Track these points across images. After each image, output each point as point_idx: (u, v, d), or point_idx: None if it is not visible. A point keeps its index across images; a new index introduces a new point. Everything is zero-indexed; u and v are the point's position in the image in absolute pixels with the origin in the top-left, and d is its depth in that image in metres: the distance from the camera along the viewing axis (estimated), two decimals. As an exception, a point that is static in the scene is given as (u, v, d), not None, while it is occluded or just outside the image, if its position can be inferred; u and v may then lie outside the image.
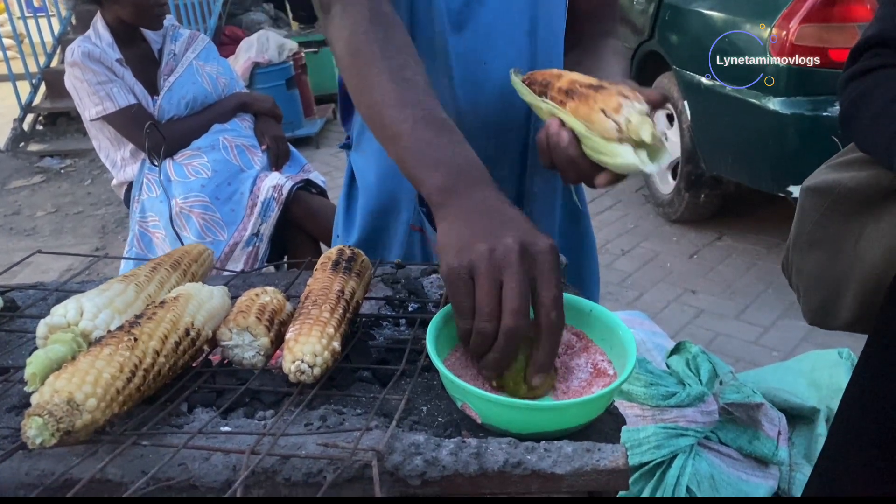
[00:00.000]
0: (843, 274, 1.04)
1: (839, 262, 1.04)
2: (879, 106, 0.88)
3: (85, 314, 0.68)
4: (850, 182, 1.01)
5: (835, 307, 1.07)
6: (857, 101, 0.93)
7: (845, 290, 1.04)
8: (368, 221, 1.10)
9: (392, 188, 1.06)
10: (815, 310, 1.11)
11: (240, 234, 2.30)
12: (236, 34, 5.99)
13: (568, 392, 0.70)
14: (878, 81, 0.91)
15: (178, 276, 0.81)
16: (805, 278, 1.11)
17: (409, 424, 0.64)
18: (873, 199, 0.99)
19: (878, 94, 0.89)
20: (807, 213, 1.09)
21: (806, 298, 1.12)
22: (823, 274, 1.07)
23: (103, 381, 0.58)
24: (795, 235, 1.11)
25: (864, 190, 1.00)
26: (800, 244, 1.10)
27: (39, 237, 4.13)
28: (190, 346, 0.68)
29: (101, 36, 2.31)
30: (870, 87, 0.91)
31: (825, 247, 1.06)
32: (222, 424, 0.64)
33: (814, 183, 1.08)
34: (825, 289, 1.07)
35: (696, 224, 3.55)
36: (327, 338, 0.65)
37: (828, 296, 1.07)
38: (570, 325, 0.76)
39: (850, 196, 1.02)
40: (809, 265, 1.09)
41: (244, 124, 2.49)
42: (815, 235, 1.07)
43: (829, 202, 1.04)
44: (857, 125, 0.93)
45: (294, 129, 5.05)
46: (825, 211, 1.05)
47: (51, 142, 5.73)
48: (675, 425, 1.79)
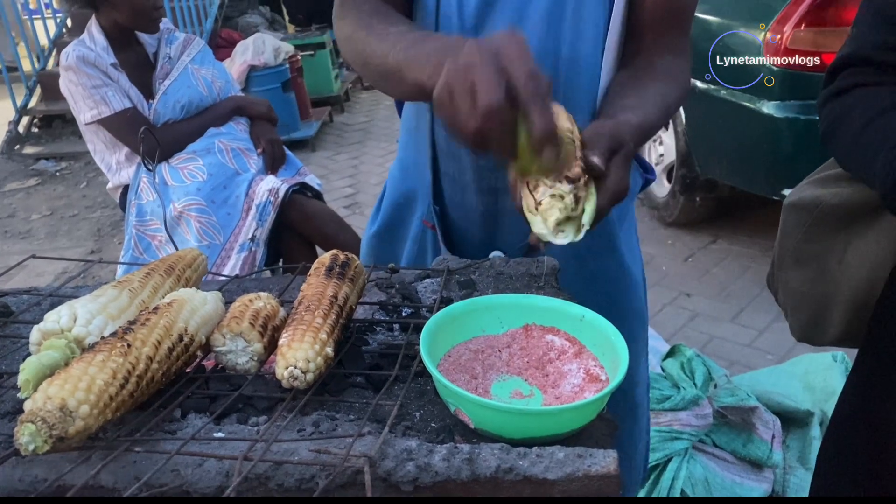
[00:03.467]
0: (829, 291, 1.03)
1: (825, 278, 1.04)
2: (859, 126, 0.88)
3: (78, 320, 0.68)
4: (833, 199, 1.01)
5: (823, 324, 1.06)
6: (836, 121, 0.92)
7: (832, 307, 1.04)
8: (389, 213, 1.13)
9: (412, 182, 1.08)
10: (804, 327, 1.11)
11: (235, 238, 2.31)
12: (232, 37, 6.00)
13: (561, 397, 0.70)
14: (855, 101, 0.90)
15: (172, 282, 0.81)
16: (792, 296, 1.10)
17: (402, 430, 0.64)
18: (857, 214, 0.99)
19: (856, 114, 0.89)
20: (790, 230, 1.08)
21: (793, 316, 1.12)
22: (810, 291, 1.06)
23: (96, 387, 0.58)
24: (780, 253, 1.11)
25: (847, 206, 0.99)
26: (785, 261, 1.10)
27: (34, 240, 4.12)
28: (183, 352, 0.68)
29: (96, 40, 2.30)
30: (848, 107, 0.91)
31: (810, 264, 1.05)
32: (215, 430, 0.64)
33: (796, 199, 1.07)
34: (812, 306, 1.07)
35: (690, 227, 3.56)
36: (320, 343, 0.66)
37: (815, 313, 1.07)
38: (563, 330, 0.77)
39: (833, 212, 1.01)
40: (795, 282, 1.09)
41: (240, 128, 2.49)
42: (800, 252, 1.06)
43: (812, 219, 1.04)
44: (838, 145, 0.93)
45: (290, 132, 5.05)
46: (809, 227, 1.05)
47: (46, 144, 5.72)
48: (670, 428, 1.80)
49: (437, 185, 1.05)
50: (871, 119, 0.86)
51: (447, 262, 0.98)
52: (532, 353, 0.75)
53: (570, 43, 0.94)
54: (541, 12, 0.93)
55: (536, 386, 0.72)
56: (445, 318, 0.74)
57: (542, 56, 0.94)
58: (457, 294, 0.90)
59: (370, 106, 6.54)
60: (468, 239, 1.07)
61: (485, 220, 1.05)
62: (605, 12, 0.94)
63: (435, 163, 1.04)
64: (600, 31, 0.95)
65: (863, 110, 0.88)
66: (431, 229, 1.08)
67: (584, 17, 0.94)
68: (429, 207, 1.06)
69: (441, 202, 1.06)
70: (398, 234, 1.13)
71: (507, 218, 1.04)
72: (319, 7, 6.24)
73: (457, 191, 1.04)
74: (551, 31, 0.94)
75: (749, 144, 2.91)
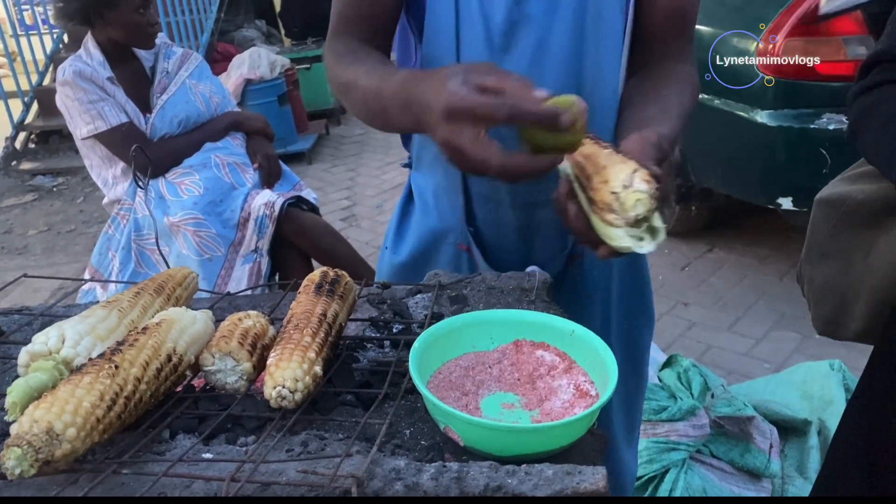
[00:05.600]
0: (852, 286, 1.05)
1: (849, 273, 1.05)
2: (884, 120, 0.90)
3: (67, 341, 0.68)
4: (860, 195, 1.03)
5: (845, 318, 1.08)
6: (863, 116, 0.95)
7: (855, 302, 1.05)
8: (423, 238, 1.11)
9: (445, 207, 1.07)
10: (826, 320, 1.12)
11: (235, 250, 2.31)
12: (228, 51, 6.02)
13: (550, 413, 0.70)
14: (883, 97, 0.92)
15: (162, 301, 0.81)
16: (816, 289, 1.12)
17: (391, 448, 0.64)
18: (882, 211, 1.00)
19: (883, 109, 0.91)
20: (818, 225, 1.10)
21: (816, 309, 1.13)
22: (834, 285, 1.08)
23: (83, 410, 0.58)
24: (808, 247, 1.13)
25: (873, 203, 1.01)
26: (812, 255, 1.12)
27: (31, 256, 4.12)
28: (172, 372, 0.68)
29: (92, 55, 2.31)
30: (876, 101, 0.93)
31: (836, 258, 1.07)
32: (204, 451, 0.64)
33: (825, 195, 1.09)
34: (835, 300, 1.09)
35: (687, 236, 3.56)
36: (308, 363, 0.66)
37: (838, 307, 1.08)
38: (553, 346, 0.77)
39: (859, 209, 1.03)
40: (820, 276, 1.10)
41: (236, 143, 2.50)
42: (827, 247, 1.08)
43: (839, 214, 1.06)
44: (864, 139, 0.95)
45: (287, 145, 5.06)
46: (836, 223, 1.06)
47: (43, 160, 5.72)
48: (667, 439, 1.79)
49: (469, 207, 1.05)
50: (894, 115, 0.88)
51: (439, 276, 0.99)
52: (522, 369, 0.75)
53: (593, 55, 0.95)
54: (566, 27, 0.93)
55: (526, 402, 0.72)
56: (435, 334, 0.74)
57: (568, 70, 0.95)
58: (448, 309, 0.91)
59: (367, 118, 6.55)
60: (504, 256, 1.07)
61: (521, 235, 1.05)
62: (622, 21, 0.95)
63: (465, 184, 1.03)
64: (619, 39, 0.96)
65: (889, 106, 0.90)
66: (466, 251, 1.08)
67: (604, 28, 0.95)
68: (463, 231, 1.06)
69: (474, 223, 1.06)
70: (431, 259, 1.11)
71: (544, 232, 1.04)
72: (315, 20, 6.28)
73: (491, 209, 1.04)
74: (576, 45, 0.94)
75: (743, 154, 2.92)
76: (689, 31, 1.02)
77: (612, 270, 1.10)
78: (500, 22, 0.93)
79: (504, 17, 0.92)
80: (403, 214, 1.15)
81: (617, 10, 0.94)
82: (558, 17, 0.93)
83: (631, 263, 1.13)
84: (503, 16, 0.92)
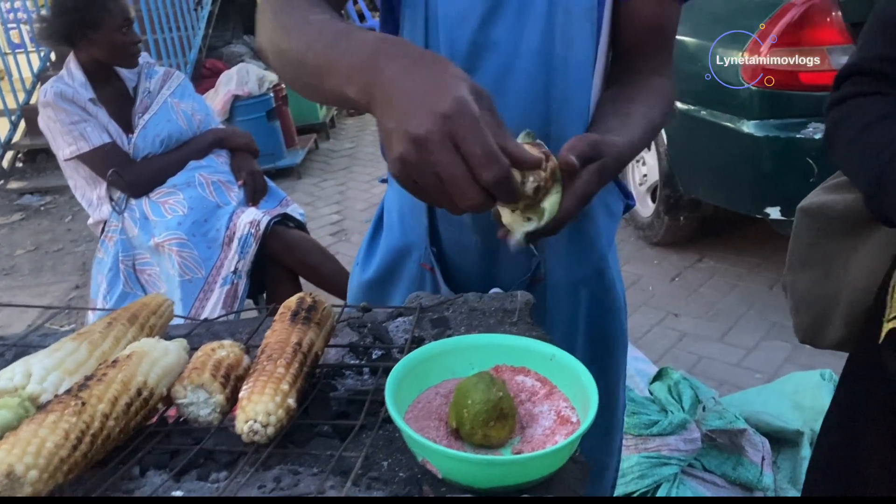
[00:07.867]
0: (832, 294, 1.06)
1: (829, 282, 1.07)
2: (853, 133, 0.92)
3: (33, 377, 0.66)
4: (839, 205, 1.04)
5: (824, 327, 1.09)
6: (834, 128, 0.97)
7: (834, 311, 1.07)
8: (388, 258, 1.10)
9: (410, 226, 1.06)
10: (806, 328, 1.13)
11: (217, 271, 2.29)
12: (217, 67, 6.01)
13: (532, 441, 0.68)
14: (852, 110, 0.94)
15: (135, 331, 0.80)
16: (797, 297, 1.13)
17: (367, 482, 0.63)
18: (860, 221, 1.01)
19: (851, 121, 0.93)
20: (800, 234, 1.11)
21: (797, 317, 1.15)
22: (814, 293, 1.09)
23: (46, 450, 0.56)
24: (790, 255, 1.14)
25: (852, 212, 1.02)
26: (793, 264, 1.13)
27: (18, 276, 4.08)
28: (142, 407, 0.67)
29: (74, 76, 2.30)
30: (845, 115, 0.95)
31: (816, 267, 1.09)
32: (174, 488, 0.62)
33: (806, 205, 1.11)
34: (815, 308, 1.10)
35: (676, 246, 3.56)
36: (281, 395, 0.64)
37: (818, 315, 1.10)
38: (533, 370, 0.76)
39: (838, 218, 1.04)
40: (801, 285, 1.12)
41: (220, 160, 2.49)
42: (807, 256, 1.10)
43: (819, 224, 1.07)
44: (835, 151, 0.97)
45: (276, 161, 5.04)
46: (816, 232, 1.08)
47: (30, 179, 5.69)
48: (658, 454, 1.78)
49: (433, 227, 1.04)
50: (864, 127, 0.90)
51: (420, 299, 0.97)
52: (503, 396, 0.74)
53: (560, 80, 0.93)
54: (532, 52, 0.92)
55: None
56: (413, 363, 0.72)
57: (533, 96, 0.93)
58: (429, 333, 0.89)
59: (356, 132, 6.56)
60: (467, 277, 1.06)
61: (483, 257, 1.04)
62: (592, 47, 0.94)
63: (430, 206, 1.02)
64: (589, 64, 0.95)
65: (857, 119, 0.92)
66: (430, 272, 1.07)
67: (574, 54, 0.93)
68: (426, 250, 1.05)
69: (438, 244, 1.05)
70: (395, 279, 1.10)
71: (506, 254, 1.03)
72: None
73: (454, 231, 1.03)
74: (543, 70, 0.93)
75: (730, 163, 2.92)
76: (669, 45, 1.02)
77: (579, 296, 1.08)
78: (464, 45, 0.92)
79: (468, 41, 0.92)
80: (376, 231, 1.14)
81: (587, 35, 0.92)
82: (524, 42, 0.92)
83: (603, 289, 1.10)
84: (467, 39, 0.91)
